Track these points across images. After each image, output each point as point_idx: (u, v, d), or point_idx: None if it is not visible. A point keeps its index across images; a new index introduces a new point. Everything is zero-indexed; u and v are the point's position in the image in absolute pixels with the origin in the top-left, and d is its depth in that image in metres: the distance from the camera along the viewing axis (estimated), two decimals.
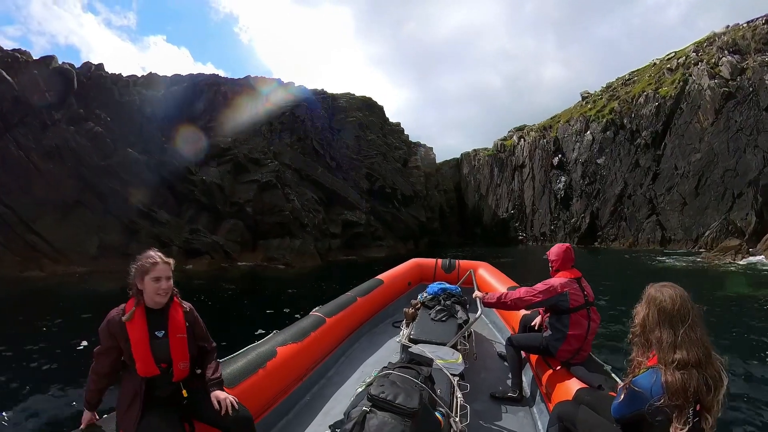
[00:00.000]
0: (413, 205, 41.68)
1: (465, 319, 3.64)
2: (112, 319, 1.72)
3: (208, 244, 21.40)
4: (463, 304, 4.02)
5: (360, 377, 3.19)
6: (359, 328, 4.17)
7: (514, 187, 49.42)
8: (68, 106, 21.94)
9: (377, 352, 3.85)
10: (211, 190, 23.37)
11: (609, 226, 39.67)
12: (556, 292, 2.59)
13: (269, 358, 2.60)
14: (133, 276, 1.77)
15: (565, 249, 2.79)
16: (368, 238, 33.64)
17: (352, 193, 33.90)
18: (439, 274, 5.73)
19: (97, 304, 13.08)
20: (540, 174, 46.24)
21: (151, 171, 22.72)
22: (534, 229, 46.84)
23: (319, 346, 3.24)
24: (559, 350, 2.61)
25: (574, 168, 42.93)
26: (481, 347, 3.84)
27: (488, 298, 2.98)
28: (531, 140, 47.20)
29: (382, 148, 40.25)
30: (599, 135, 40.59)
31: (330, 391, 3.09)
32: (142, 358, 1.70)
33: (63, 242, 19.44)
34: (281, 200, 25.53)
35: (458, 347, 3.13)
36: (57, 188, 19.81)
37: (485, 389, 3.06)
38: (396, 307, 4.93)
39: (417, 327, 3.42)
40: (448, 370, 2.56)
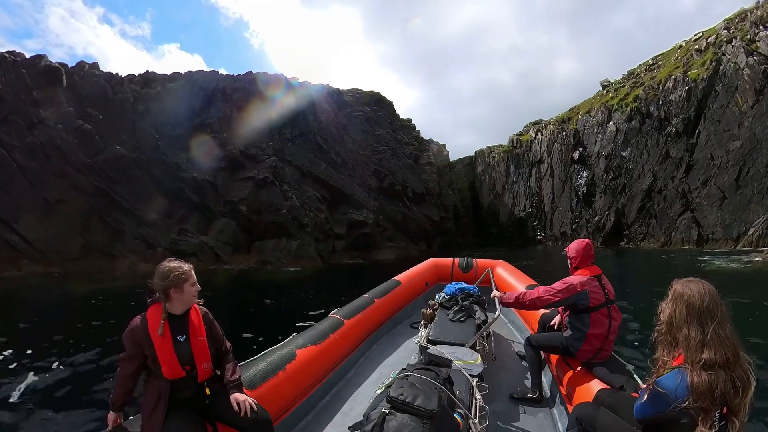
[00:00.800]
0: (425, 203, 39.16)
1: (483, 320, 3.61)
2: (135, 327, 1.80)
3: (195, 245, 20.11)
4: (481, 304, 3.99)
5: (379, 378, 3.24)
6: (377, 330, 4.17)
7: (531, 185, 46.67)
8: (57, 105, 21.29)
9: (396, 353, 3.86)
10: (203, 187, 22.18)
11: (637, 224, 36.55)
12: (575, 291, 2.52)
13: (289, 361, 2.65)
14: (168, 285, 1.83)
15: (585, 245, 2.68)
16: (377, 238, 31.57)
17: (358, 190, 31.91)
18: (456, 273, 5.67)
19: (67, 308, 12.05)
20: (559, 169, 43.38)
21: (140, 169, 21.76)
22: (553, 229, 43.96)
23: (338, 348, 3.28)
24: (580, 350, 2.53)
25: (596, 162, 39.93)
26: (499, 347, 3.85)
27: (506, 298, 2.92)
28: (549, 134, 44.44)
29: (391, 144, 38.14)
30: (623, 125, 37.53)
31: (349, 392, 3.12)
32: (168, 362, 1.79)
33: (44, 242, 18.61)
34: (279, 198, 24.11)
35: (477, 348, 3.14)
36: (40, 187, 19.05)
37: (504, 390, 3.05)
38: (414, 307, 4.92)
39: (435, 328, 3.43)
40: (467, 371, 2.56)
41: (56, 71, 21.44)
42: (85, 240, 19.35)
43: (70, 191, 19.60)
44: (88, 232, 19.52)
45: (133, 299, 12.38)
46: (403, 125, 43.87)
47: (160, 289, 1.83)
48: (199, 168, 22.85)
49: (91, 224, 19.69)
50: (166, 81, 26.54)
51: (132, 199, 20.40)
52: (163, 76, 27.44)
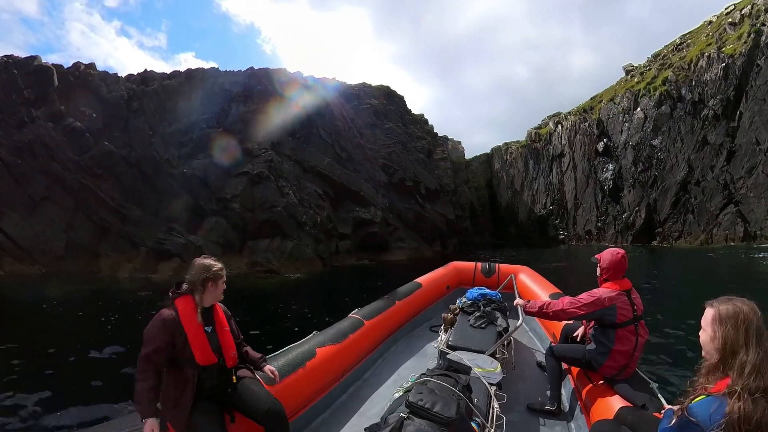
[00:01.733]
0: (440, 201, 36.37)
1: (505, 327, 3.56)
2: (167, 317, 1.90)
3: (180, 245, 19.04)
4: (503, 311, 3.91)
5: (396, 381, 3.27)
6: (397, 332, 4.15)
7: (552, 180, 43.73)
8: (50, 103, 21.00)
9: (414, 357, 3.83)
10: (193, 184, 21.22)
11: (671, 220, 33.13)
12: (602, 306, 2.44)
13: (308, 358, 2.72)
14: (208, 278, 2.00)
15: (620, 257, 2.56)
16: (386, 238, 29.52)
17: (365, 186, 29.76)
18: (478, 278, 5.60)
19: (42, 310, 11.28)
20: (582, 163, 40.32)
21: (129, 165, 21.09)
22: (577, 227, 40.83)
23: (357, 348, 3.30)
24: (603, 365, 2.48)
25: (623, 153, 36.73)
26: (519, 356, 3.78)
27: (529, 307, 2.83)
28: (569, 125, 41.50)
29: (401, 137, 35.67)
30: (652, 111, 34.24)
31: (366, 392, 3.16)
32: (201, 348, 1.92)
33: (29, 240, 18.13)
34: (274, 194, 22.86)
35: (497, 356, 3.10)
36: (25, 184, 18.65)
37: (522, 400, 3.02)
38: (434, 311, 4.93)
39: (455, 333, 3.40)
40: (486, 379, 2.53)
41: (47, 71, 21.21)
42: (69, 238, 18.75)
43: (55, 189, 19.11)
44: (73, 230, 18.93)
45: (108, 307, 11.51)
46: (415, 119, 41.69)
47: (198, 282, 2.00)
48: (190, 164, 21.97)
49: (77, 222, 19.10)
50: (164, 79, 26.03)
51: (117, 197, 19.69)
52: (162, 75, 27.02)
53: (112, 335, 8.86)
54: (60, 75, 22.33)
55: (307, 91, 29.94)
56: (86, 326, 9.92)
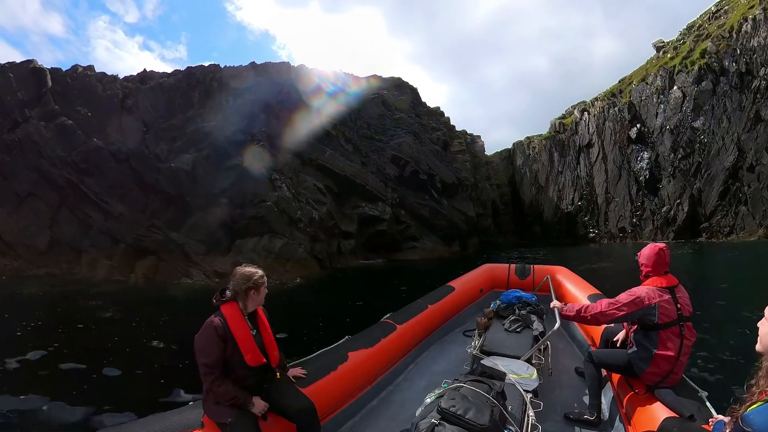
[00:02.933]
0: (458, 196, 33.43)
1: (541, 331, 3.44)
2: (218, 324, 2.03)
3: (158, 242, 18.10)
4: (539, 314, 3.79)
5: (429, 386, 3.15)
6: (429, 336, 4.10)
7: (580, 174, 40.16)
8: (44, 104, 21.08)
9: (447, 362, 3.79)
10: (179, 178, 20.40)
11: (720, 213, 29.07)
12: (642, 305, 2.29)
13: (341, 362, 2.76)
14: (250, 287, 2.15)
15: (658, 251, 2.43)
16: (396, 237, 27.23)
17: (372, 179, 27.42)
18: (512, 280, 5.46)
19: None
20: (613, 152, 36.63)
21: (119, 161, 20.65)
22: (609, 224, 37.03)
23: (389, 353, 3.29)
24: (645, 372, 2.32)
25: (659, 139, 32.88)
26: (557, 362, 3.58)
27: (567, 310, 2.68)
28: (597, 112, 37.95)
29: (413, 128, 33.17)
30: (691, 89, 30.34)
31: (398, 397, 3.13)
32: (251, 351, 2.07)
33: (13, 235, 18.09)
34: (266, 188, 21.67)
35: (532, 361, 2.99)
36: (12, 180, 18.62)
37: (559, 409, 2.87)
38: (467, 315, 4.86)
39: (490, 338, 3.32)
40: (521, 385, 2.43)
41: (40, 72, 21.38)
42: (53, 234, 18.49)
43: (41, 184, 18.93)
44: (57, 226, 18.67)
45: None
46: (430, 111, 39.06)
47: (241, 291, 2.15)
48: (179, 158, 21.24)
49: (61, 218, 18.80)
50: (163, 77, 25.83)
51: (101, 192, 19.18)
52: (161, 74, 26.90)
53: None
54: (59, 77, 22.50)
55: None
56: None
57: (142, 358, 7.49)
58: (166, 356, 7.61)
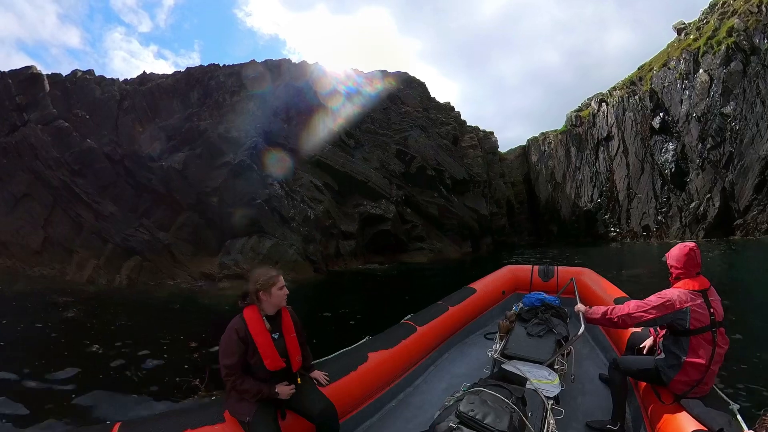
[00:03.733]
0: (470, 193, 31.71)
1: (564, 335, 3.33)
2: (238, 327, 2.08)
3: (144, 242, 17.79)
4: (562, 318, 3.70)
5: (448, 389, 3.17)
6: (450, 338, 4.07)
7: (599, 169, 37.80)
8: (42, 108, 21.36)
9: (467, 365, 3.75)
10: (170, 177, 20.11)
11: (756, 208, 26.44)
12: (673, 309, 2.16)
13: (361, 362, 2.79)
14: (259, 289, 2.15)
15: (688, 251, 2.30)
16: (402, 238, 25.82)
17: (374, 176, 25.99)
18: (535, 282, 5.37)
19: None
20: (635, 145, 34.20)
21: (113, 161, 20.61)
22: (631, 222, 34.54)
23: (409, 354, 3.27)
24: (674, 380, 2.21)
25: (685, 128, 30.33)
26: (580, 368, 3.51)
27: (592, 313, 2.58)
28: (615, 102, 35.57)
29: (420, 121, 31.52)
30: (719, 71, 27.73)
31: (416, 399, 3.11)
32: (270, 356, 2.09)
33: (8, 235, 18.34)
34: (258, 186, 21.07)
35: (555, 366, 2.91)
36: (8, 182, 18.90)
37: (581, 417, 2.78)
38: (488, 317, 4.81)
39: (511, 341, 3.22)
40: (543, 391, 2.38)
41: (38, 77, 21.72)
42: (47, 234, 18.61)
43: (36, 185, 19.11)
44: (51, 226, 18.77)
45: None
46: (439, 106, 37.06)
47: (253, 293, 2.16)
48: (172, 157, 20.99)
49: (54, 218, 18.90)
50: (161, 79, 25.89)
51: (93, 192, 19.12)
52: (161, 76, 27.01)
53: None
54: (58, 82, 22.87)
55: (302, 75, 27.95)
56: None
57: (68, 363, 6.91)
58: (97, 362, 7.10)
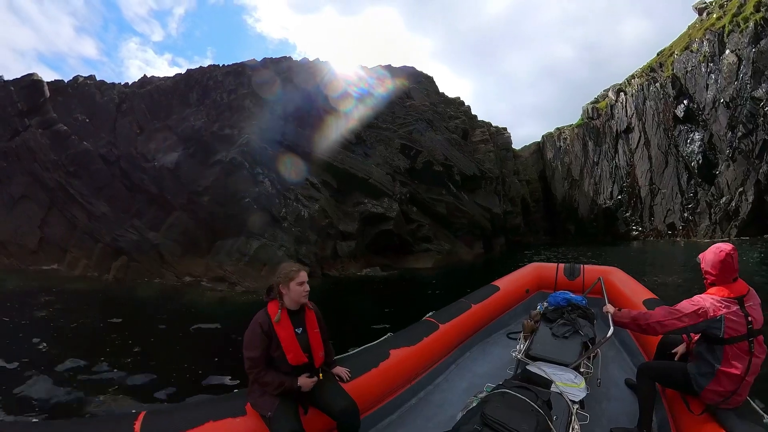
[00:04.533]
0: (481, 190, 29.72)
1: (591, 337, 3.17)
2: (263, 321, 2.14)
3: (132, 242, 17.68)
4: (589, 319, 3.50)
5: (469, 388, 3.17)
6: (472, 337, 4.05)
7: (618, 163, 35.50)
8: (43, 113, 21.89)
9: (489, 364, 3.70)
10: (162, 177, 20.03)
11: None
12: (706, 317, 2.04)
13: (382, 359, 2.78)
14: (279, 283, 2.20)
15: (724, 256, 2.12)
16: (407, 238, 24.26)
17: (376, 172, 24.57)
18: (561, 281, 5.23)
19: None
20: (657, 136, 31.84)
21: (109, 163, 20.80)
22: (655, 220, 32.12)
23: (431, 352, 3.27)
24: (705, 389, 2.10)
25: (712, 115, 27.86)
26: (606, 372, 3.42)
27: (620, 316, 2.45)
28: (634, 91, 33.28)
29: (426, 115, 29.72)
30: (748, 50, 25.22)
31: (437, 398, 3.10)
32: (293, 350, 2.13)
33: (6, 235, 18.86)
34: (248, 184, 20.65)
35: (581, 369, 2.83)
36: (7, 184, 19.41)
37: (606, 423, 2.72)
38: (512, 316, 4.75)
39: (536, 342, 3.14)
40: (568, 395, 2.30)
41: (38, 84, 22.26)
42: (43, 234, 19.06)
43: (33, 187, 19.52)
44: (48, 226, 19.17)
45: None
46: (448, 100, 35.14)
47: (274, 287, 2.23)
48: (165, 156, 20.95)
49: (51, 218, 19.26)
50: (161, 81, 26.12)
51: (88, 193, 19.32)
52: (161, 78, 27.28)
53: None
54: (60, 88, 23.43)
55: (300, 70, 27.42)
56: None
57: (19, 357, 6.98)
58: (43, 358, 7.07)
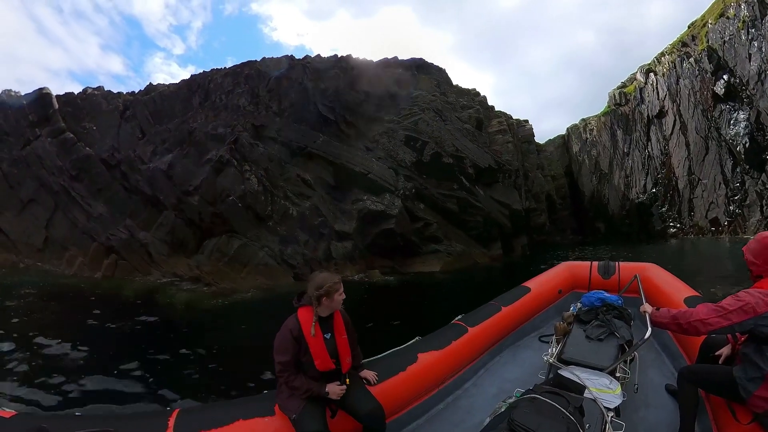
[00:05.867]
0: (499, 184, 26.71)
1: (628, 339, 2.97)
2: (292, 326, 2.20)
3: (122, 241, 18.14)
4: (626, 320, 3.29)
5: (499, 393, 3.11)
6: (502, 341, 3.96)
7: (652, 152, 31.95)
8: (53, 123, 23.32)
9: (520, 369, 3.61)
10: (155, 178, 20.46)
11: None
12: (754, 313, 1.88)
13: (409, 363, 2.76)
14: (322, 294, 2.21)
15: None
16: (412, 238, 22.28)
17: (376, 166, 22.88)
18: (595, 280, 5.02)
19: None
20: (695, 118, 28.21)
21: (110, 166, 21.69)
22: (695, 215, 28.40)
23: (459, 356, 3.23)
24: (753, 395, 1.93)
25: (758, 90, 24.09)
26: (644, 376, 3.27)
27: (659, 316, 2.29)
28: (666, 71, 29.80)
29: (435, 104, 27.18)
30: None
31: (465, 403, 3.07)
32: (321, 357, 2.18)
33: (17, 234, 20.56)
34: (237, 182, 20.50)
35: (617, 374, 2.65)
36: (18, 189, 20.92)
37: (643, 431, 2.60)
38: (543, 318, 4.62)
39: (569, 345, 2.97)
40: (603, 402, 2.17)
41: (47, 96, 23.87)
42: (48, 233, 20.49)
43: (40, 191, 20.98)
44: (53, 227, 20.56)
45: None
46: (461, 91, 31.50)
47: (314, 297, 2.22)
48: (161, 159, 21.46)
49: (55, 219, 20.64)
50: (165, 87, 27.09)
51: (87, 195, 20.30)
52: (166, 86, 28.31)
53: None
54: (70, 99, 25.04)
55: (298, 66, 26.99)
56: None
57: None
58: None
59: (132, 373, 5.99)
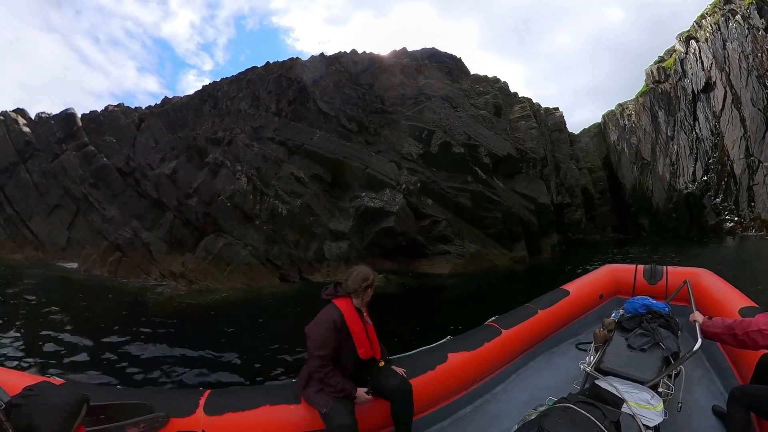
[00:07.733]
0: (522, 175, 23.45)
1: (674, 351, 2.76)
2: (337, 318, 2.25)
3: (126, 239, 19.52)
4: (673, 330, 3.07)
5: (530, 401, 2.95)
6: (537, 345, 3.83)
7: (700, 134, 27.52)
8: (77, 138, 26.13)
9: (554, 376, 3.47)
10: (160, 182, 21.97)
11: None
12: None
13: (439, 362, 2.75)
14: (367, 285, 2.39)
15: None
16: (417, 238, 19.83)
17: (375, 160, 21.34)
18: (639, 285, 4.68)
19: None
20: (749, 88, 23.74)
21: (124, 174, 23.73)
22: (757, 205, 23.84)
23: (491, 359, 3.17)
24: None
25: None
26: (690, 394, 2.97)
27: (711, 326, 2.23)
28: (709, 35, 25.50)
29: (444, 91, 24.94)
30: None
31: (494, 408, 2.99)
32: (364, 345, 2.30)
33: (44, 235, 23.36)
34: (229, 183, 21.03)
35: (659, 389, 2.49)
36: (46, 196, 23.72)
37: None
38: (582, 324, 4.39)
39: (608, 354, 2.81)
40: (642, 418, 2.03)
41: (72, 116, 26.92)
42: (70, 234, 23.22)
43: (65, 197, 23.66)
44: (74, 228, 23.24)
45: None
46: (478, 78, 29.20)
47: (360, 288, 2.36)
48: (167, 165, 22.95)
49: (76, 222, 23.42)
50: (178, 99, 29.07)
51: (102, 200, 22.63)
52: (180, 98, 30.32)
53: None
54: (94, 117, 27.95)
55: (296, 64, 27.09)
56: None
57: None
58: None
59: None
